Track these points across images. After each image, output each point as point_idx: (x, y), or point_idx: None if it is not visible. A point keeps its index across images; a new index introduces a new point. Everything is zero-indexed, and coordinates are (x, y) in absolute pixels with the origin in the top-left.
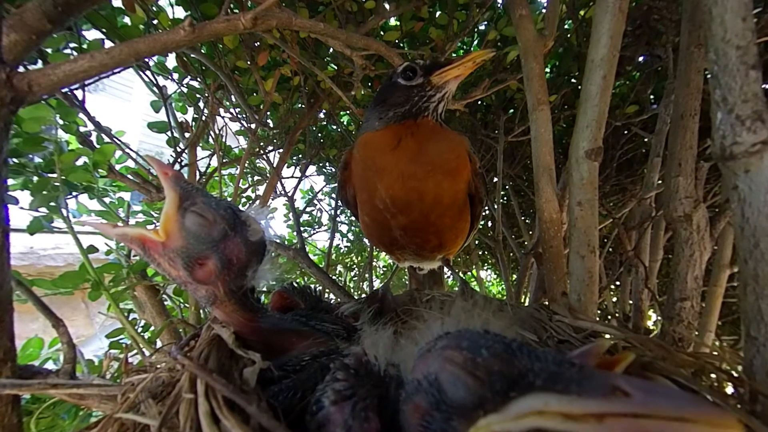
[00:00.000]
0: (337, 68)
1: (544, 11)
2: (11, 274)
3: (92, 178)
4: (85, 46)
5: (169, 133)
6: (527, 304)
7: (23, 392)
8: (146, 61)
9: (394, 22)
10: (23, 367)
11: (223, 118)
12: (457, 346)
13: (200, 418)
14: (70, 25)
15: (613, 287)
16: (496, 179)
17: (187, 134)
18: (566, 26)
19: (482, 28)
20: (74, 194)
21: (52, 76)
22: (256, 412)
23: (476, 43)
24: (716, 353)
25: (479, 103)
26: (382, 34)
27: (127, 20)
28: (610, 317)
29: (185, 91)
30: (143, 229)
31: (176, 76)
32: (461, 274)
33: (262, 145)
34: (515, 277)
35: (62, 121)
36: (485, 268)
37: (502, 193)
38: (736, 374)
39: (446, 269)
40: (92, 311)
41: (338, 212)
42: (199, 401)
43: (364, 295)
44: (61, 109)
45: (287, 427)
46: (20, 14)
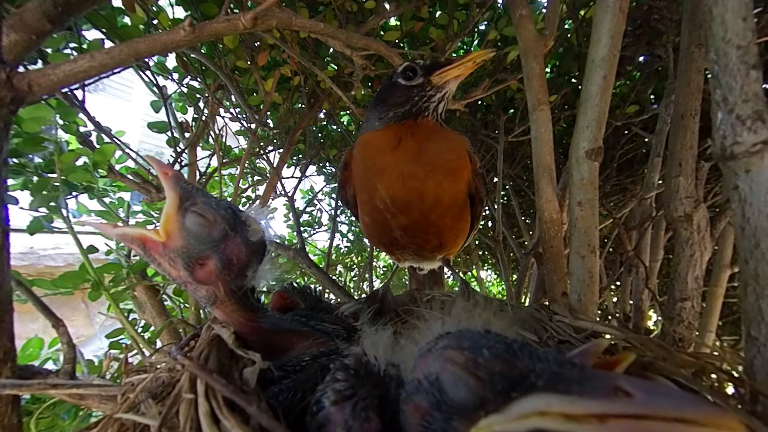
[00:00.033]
0: (337, 68)
1: (544, 11)
2: (11, 274)
3: (92, 178)
4: (85, 46)
5: (169, 133)
6: (527, 304)
7: (23, 392)
8: (146, 61)
9: (394, 22)
10: (23, 367)
11: (223, 118)
12: (458, 346)
13: (200, 418)
14: (70, 25)
15: (613, 287)
16: (496, 179)
17: (187, 134)
18: (566, 26)
19: (482, 28)
20: (74, 194)
21: (52, 76)
22: (256, 412)
23: (476, 43)
24: (717, 353)
25: (479, 103)
26: (382, 34)
27: (127, 20)
28: (610, 317)
29: (185, 91)
30: (144, 229)
31: (176, 76)
32: (461, 274)
33: (262, 145)
34: (515, 277)
35: (62, 121)
36: (485, 268)
37: (502, 193)
38: (736, 374)
39: (446, 269)
40: (92, 311)
41: (338, 212)
42: (199, 401)
43: (364, 295)
44: (61, 109)
45: (287, 427)
46: (20, 14)
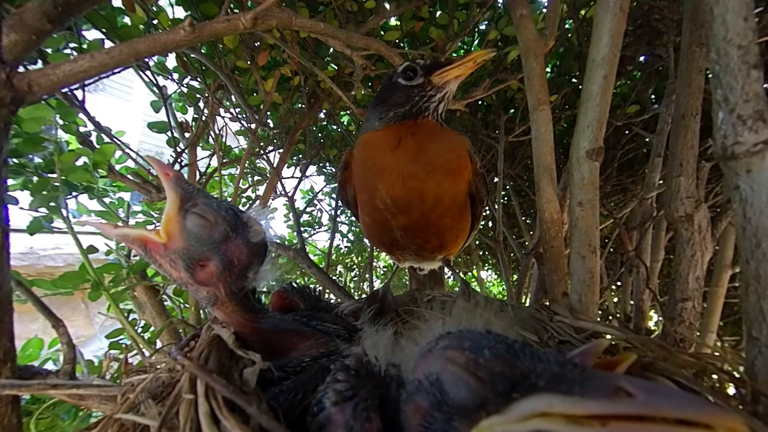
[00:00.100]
0: (337, 68)
1: (544, 11)
2: (11, 274)
3: (92, 178)
4: (85, 46)
5: (169, 133)
6: (528, 304)
7: (23, 393)
8: (146, 61)
9: (394, 21)
10: (23, 367)
11: (223, 118)
12: (458, 346)
13: (200, 418)
14: (70, 25)
15: (614, 288)
16: (496, 179)
17: (187, 134)
18: (567, 26)
19: (483, 27)
20: (74, 194)
21: (52, 76)
22: (256, 412)
23: (477, 42)
24: (718, 354)
25: (480, 103)
26: (382, 33)
27: (127, 20)
28: (611, 318)
29: (185, 91)
30: (144, 229)
31: (176, 76)
32: (462, 274)
33: (262, 145)
34: (516, 277)
35: (62, 121)
36: (486, 268)
37: (502, 193)
38: (737, 375)
39: (447, 269)
40: (92, 311)
41: (338, 212)
42: (199, 402)
43: (364, 295)
44: (61, 109)
45: (288, 428)
46: (20, 14)
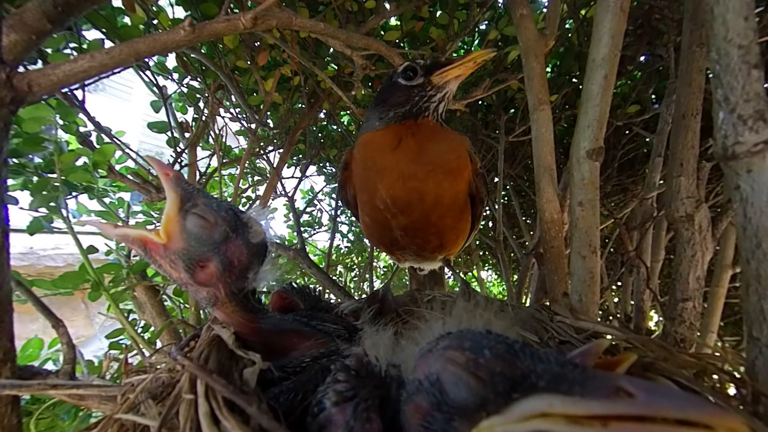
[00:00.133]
0: (337, 68)
1: (545, 11)
2: (11, 274)
3: (92, 178)
4: (85, 46)
5: (169, 133)
6: (528, 304)
7: (23, 393)
8: (146, 61)
9: (394, 21)
10: (23, 367)
11: (223, 118)
12: (459, 346)
13: (200, 418)
14: (70, 25)
15: (614, 288)
16: (497, 179)
17: (187, 134)
18: (567, 26)
19: (483, 27)
20: (74, 194)
21: (52, 76)
22: (256, 413)
23: (477, 42)
24: (718, 354)
25: (480, 103)
26: (382, 33)
27: (127, 20)
28: (611, 318)
29: (185, 91)
30: (144, 230)
31: (176, 76)
32: (462, 274)
33: (262, 145)
34: (516, 277)
35: (62, 121)
36: (486, 268)
37: (503, 193)
38: (738, 375)
39: (447, 270)
40: (92, 312)
41: (338, 212)
42: (199, 402)
43: (364, 295)
44: (61, 109)
45: (288, 428)
46: (20, 14)
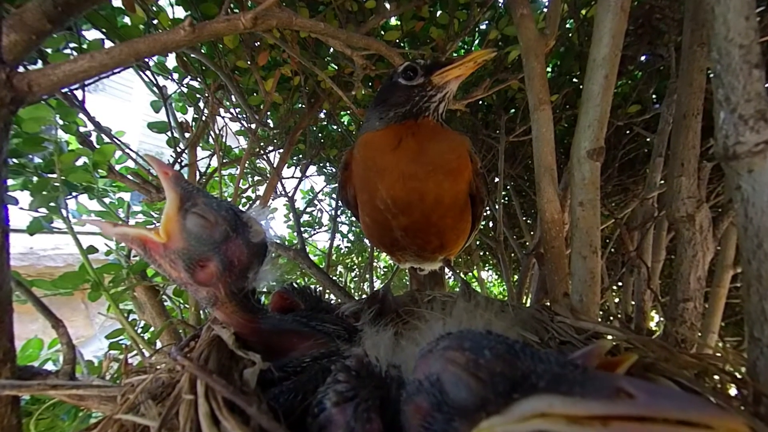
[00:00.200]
0: (337, 68)
1: (545, 10)
2: (11, 274)
3: (92, 178)
4: (85, 46)
5: (169, 133)
6: (529, 305)
7: (23, 393)
8: (146, 61)
9: (394, 21)
10: (23, 367)
11: (223, 118)
12: (459, 346)
13: (200, 419)
14: (70, 25)
15: (615, 288)
16: (497, 179)
17: (187, 134)
18: (568, 25)
19: (483, 27)
20: (74, 194)
21: (52, 76)
22: (256, 413)
23: (477, 42)
24: (719, 354)
25: (480, 102)
26: (382, 33)
27: (127, 20)
28: (612, 318)
29: (185, 91)
30: (144, 229)
31: (176, 76)
32: (462, 274)
33: (262, 145)
34: (517, 277)
35: (62, 121)
36: (486, 268)
37: (503, 193)
38: (739, 376)
39: (447, 270)
40: (92, 312)
41: (339, 213)
42: (199, 402)
43: (364, 295)
44: (61, 109)
45: (288, 428)
46: (20, 14)
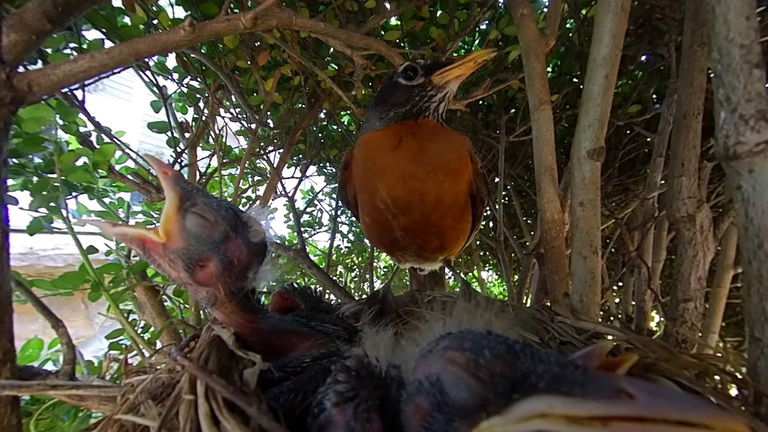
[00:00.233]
0: (337, 68)
1: (545, 10)
2: (11, 274)
3: (92, 178)
4: (85, 46)
5: (169, 133)
6: (529, 305)
7: (23, 393)
8: (146, 61)
9: (394, 21)
10: (23, 368)
11: (223, 118)
12: (459, 346)
13: (200, 419)
14: (70, 25)
15: (615, 288)
16: (497, 179)
17: (187, 134)
18: (568, 25)
19: (483, 27)
20: (74, 194)
21: (52, 76)
22: (256, 413)
23: (477, 42)
24: (720, 355)
25: (480, 102)
26: (382, 33)
27: (127, 20)
28: (612, 318)
29: (185, 91)
30: (143, 229)
31: (176, 76)
32: (462, 274)
33: (262, 145)
34: (517, 277)
35: (62, 121)
36: (486, 268)
37: (503, 193)
38: (740, 376)
39: (447, 270)
40: (92, 312)
41: (339, 213)
42: (199, 402)
43: (364, 296)
44: (61, 109)
45: (288, 428)
46: (20, 14)
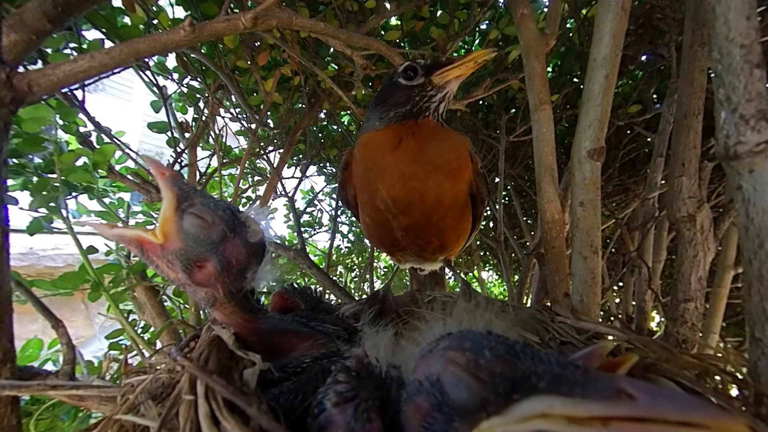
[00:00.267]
0: (337, 68)
1: (545, 10)
2: (11, 274)
3: (92, 178)
4: (85, 46)
5: (169, 133)
6: (529, 305)
7: (22, 393)
8: (146, 61)
9: (394, 21)
10: (23, 368)
11: (223, 118)
12: (459, 347)
13: (200, 419)
14: (70, 25)
15: (616, 288)
16: (497, 179)
17: (187, 134)
18: (568, 25)
19: (484, 27)
20: (74, 195)
21: (52, 76)
22: (256, 413)
23: (477, 42)
24: (720, 355)
25: (481, 102)
26: (382, 33)
27: (127, 20)
28: (613, 318)
29: (185, 91)
30: (141, 230)
31: (176, 76)
32: (462, 275)
33: (262, 145)
34: (517, 278)
35: (62, 121)
36: (487, 269)
37: (503, 193)
38: (740, 376)
39: (447, 270)
40: (92, 312)
41: (339, 213)
42: (199, 403)
43: (364, 296)
44: (61, 109)
45: (288, 429)
46: (20, 14)
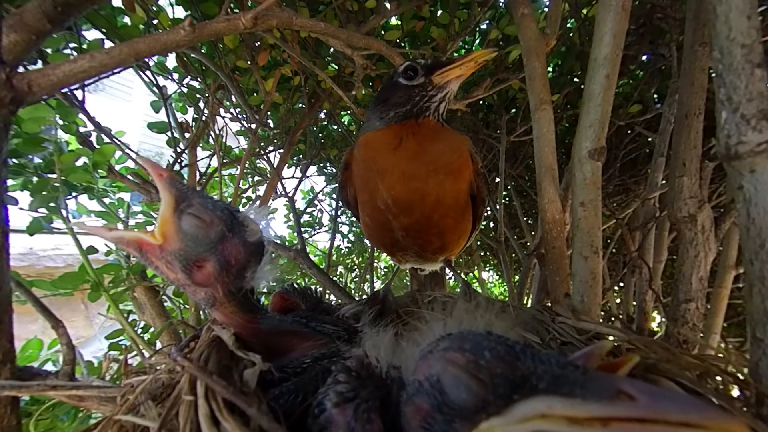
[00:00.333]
0: (337, 68)
1: (546, 10)
2: (11, 274)
3: (92, 178)
4: (85, 46)
5: (169, 133)
6: (530, 305)
7: (22, 394)
8: (146, 61)
9: (395, 21)
10: (22, 368)
11: (223, 118)
12: (459, 347)
13: (200, 420)
14: (70, 25)
15: (616, 288)
16: (498, 179)
17: (187, 134)
18: (569, 25)
19: (484, 27)
20: (74, 195)
21: (52, 76)
22: (256, 414)
23: (478, 42)
24: (721, 355)
25: (481, 102)
26: (383, 33)
27: (127, 20)
28: (613, 319)
29: (185, 91)
30: (140, 231)
31: (176, 76)
32: (463, 275)
33: (262, 145)
34: (517, 278)
35: (62, 121)
36: (487, 269)
37: (504, 193)
38: (741, 377)
39: (448, 270)
40: (92, 312)
41: (339, 213)
42: (198, 403)
43: (365, 296)
44: (61, 109)
45: (288, 429)
46: (20, 14)
